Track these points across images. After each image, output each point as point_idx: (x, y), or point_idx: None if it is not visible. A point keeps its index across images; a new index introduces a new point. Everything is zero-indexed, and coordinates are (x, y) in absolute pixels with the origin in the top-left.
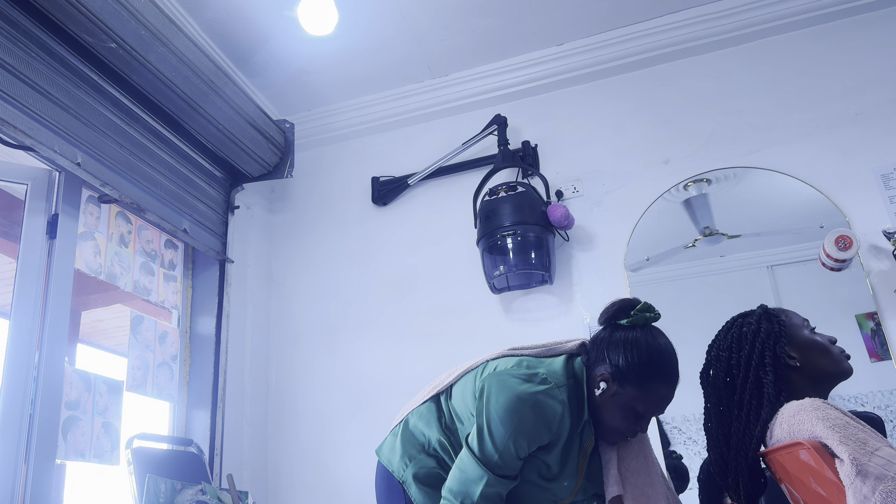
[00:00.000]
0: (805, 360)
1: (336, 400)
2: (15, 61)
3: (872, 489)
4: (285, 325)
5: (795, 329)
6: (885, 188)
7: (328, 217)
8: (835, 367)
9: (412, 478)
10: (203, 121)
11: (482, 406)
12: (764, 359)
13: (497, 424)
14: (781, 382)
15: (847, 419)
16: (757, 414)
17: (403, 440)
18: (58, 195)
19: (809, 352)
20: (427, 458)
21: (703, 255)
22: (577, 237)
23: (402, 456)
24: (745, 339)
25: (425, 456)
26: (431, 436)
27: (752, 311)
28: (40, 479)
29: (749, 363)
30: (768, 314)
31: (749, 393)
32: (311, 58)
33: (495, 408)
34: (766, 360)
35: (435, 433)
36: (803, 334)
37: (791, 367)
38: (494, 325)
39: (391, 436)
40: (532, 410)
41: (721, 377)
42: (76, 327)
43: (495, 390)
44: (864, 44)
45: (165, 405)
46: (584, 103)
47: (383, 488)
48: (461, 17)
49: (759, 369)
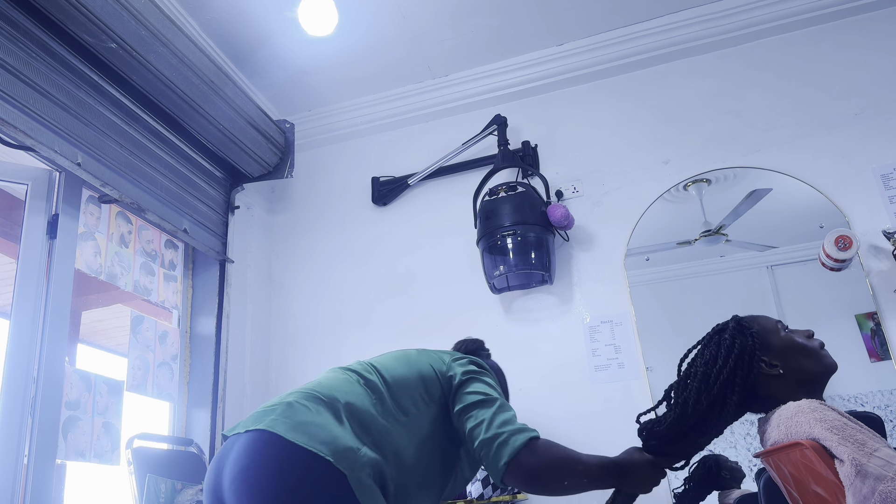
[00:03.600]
0: (787, 366)
1: None
2: (15, 61)
3: (872, 489)
4: (285, 325)
5: (770, 335)
6: (885, 188)
7: (328, 217)
8: (819, 367)
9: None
10: (203, 121)
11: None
12: (735, 377)
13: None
14: (763, 391)
15: (845, 420)
16: (713, 429)
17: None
18: (58, 195)
19: (789, 355)
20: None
21: (703, 255)
22: (577, 237)
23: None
24: (720, 356)
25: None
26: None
27: (725, 325)
28: (40, 479)
29: (717, 380)
30: (741, 326)
31: (711, 408)
32: (311, 58)
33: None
34: (736, 378)
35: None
36: (779, 338)
37: (774, 375)
38: (494, 325)
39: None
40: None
41: (695, 390)
42: (76, 327)
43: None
44: (864, 44)
45: (165, 405)
46: (584, 103)
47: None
48: (461, 17)
49: (726, 388)
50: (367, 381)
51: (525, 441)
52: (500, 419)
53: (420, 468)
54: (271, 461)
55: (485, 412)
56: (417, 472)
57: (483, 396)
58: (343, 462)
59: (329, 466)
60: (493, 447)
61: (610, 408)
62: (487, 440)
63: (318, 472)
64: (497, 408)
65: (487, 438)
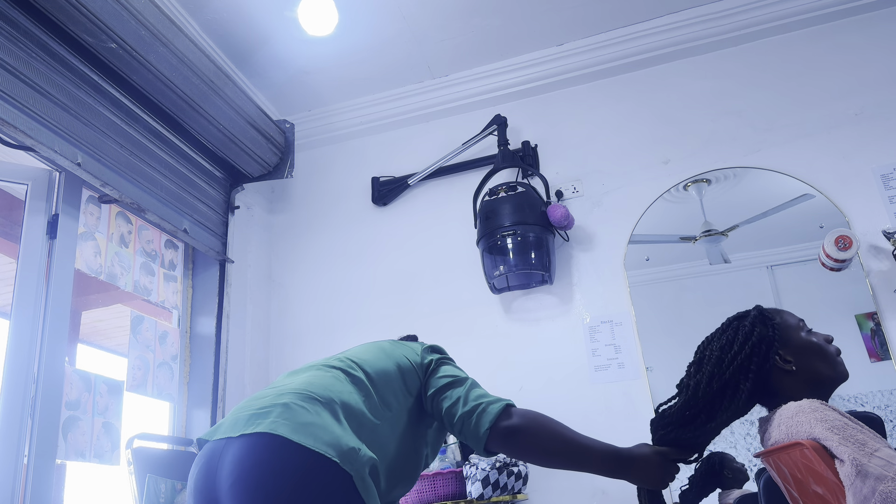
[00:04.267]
0: (801, 364)
1: None
2: (15, 61)
3: (872, 490)
4: (285, 325)
5: (790, 331)
6: (885, 188)
7: (328, 217)
8: (832, 372)
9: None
10: (203, 121)
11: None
12: (750, 364)
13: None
14: (773, 385)
15: (846, 420)
16: (722, 414)
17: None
18: (58, 195)
19: (805, 355)
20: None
21: (703, 255)
22: (577, 237)
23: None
24: (736, 342)
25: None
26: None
27: (747, 313)
28: (40, 479)
29: (731, 364)
30: (763, 316)
31: (721, 391)
32: (311, 58)
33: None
34: (751, 365)
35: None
36: (799, 336)
37: (787, 371)
38: (494, 325)
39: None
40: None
41: (708, 373)
42: (76, 327)
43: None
44: (864, 44)
45: (165, 405)
46: (584, 103)
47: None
48: (461, 17)
49: (739, 373)
50: (353, 378)
51: (503, 406)
52: (474, 394)
53: (401, 460)
54: (276, 463)
55: (459, 391)
56: (399, 464)
57: (453, 378)
58: (348, 463)
59: (335, 467)
60: (472, 418)
61: (610, 408)
62: (466, 412)
63: (325, 473)
64: (469, 385)
65: (466, 411)
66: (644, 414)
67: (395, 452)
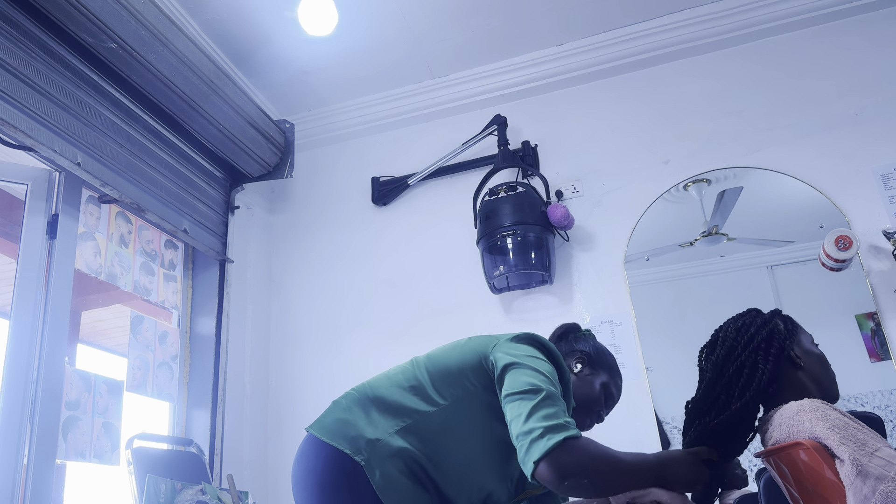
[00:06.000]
0: (808, 364)
1: None
2: (15, 61)
3: (872, 490)
4: (285, 325)
5: (803, 335)
6: (885, 188)
7: (328, 217)
8: (829, 384)
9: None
10: (203, 121)
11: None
12: (770, 347)
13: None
14: (780, 375)
15: (847, 420)
16: (742, 393)
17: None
18: (58, 195)
19: (813, 359)
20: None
21: (703, 254)
22: (577, 237)
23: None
24: (754, 325)
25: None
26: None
27: (761, 310)
28: (40, 479)
29: (748, 345)
30: (783, 315)
31: (738, 371)
32: (311, 58)
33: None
34: (771, 349)
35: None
36: (810, 342)
37: (795, 364)
38: (494, 326)
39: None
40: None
41: (722, 356)
42: (76, 327)
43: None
44: (864, 44)
45: (165, 405)
46: (584, 103)
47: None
48: (461, 17)
49: (758, 353)
50: (411, 371)
51: (559, 441)
52: (540, 413)
53: (466, 451)
54: (310, 461)
55: (524, 404)
56: (465, 454)
57: (527, 386)
58: (360, 454)
59: (347, 459)
60: (526, 443)
61: None
62: (521, 435)
63: (339, 464)
64: (539, 399)
65: (522, 433)
66: (644, 414)
67: (459, 442)
